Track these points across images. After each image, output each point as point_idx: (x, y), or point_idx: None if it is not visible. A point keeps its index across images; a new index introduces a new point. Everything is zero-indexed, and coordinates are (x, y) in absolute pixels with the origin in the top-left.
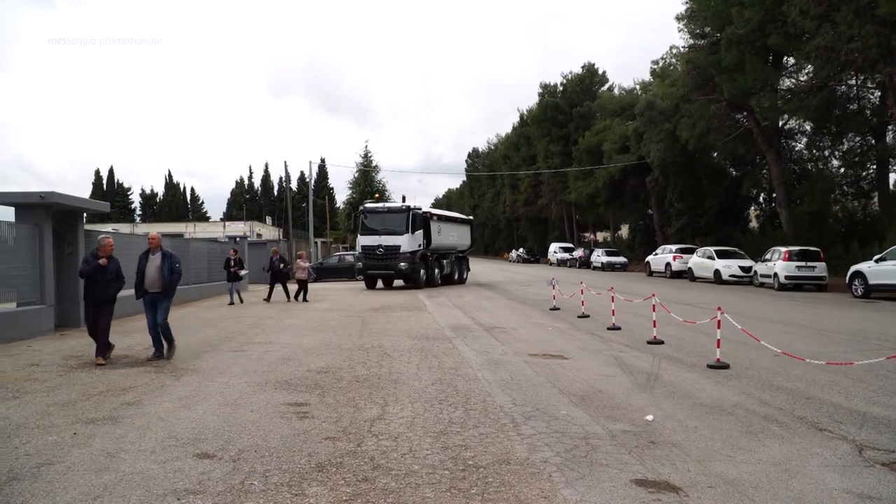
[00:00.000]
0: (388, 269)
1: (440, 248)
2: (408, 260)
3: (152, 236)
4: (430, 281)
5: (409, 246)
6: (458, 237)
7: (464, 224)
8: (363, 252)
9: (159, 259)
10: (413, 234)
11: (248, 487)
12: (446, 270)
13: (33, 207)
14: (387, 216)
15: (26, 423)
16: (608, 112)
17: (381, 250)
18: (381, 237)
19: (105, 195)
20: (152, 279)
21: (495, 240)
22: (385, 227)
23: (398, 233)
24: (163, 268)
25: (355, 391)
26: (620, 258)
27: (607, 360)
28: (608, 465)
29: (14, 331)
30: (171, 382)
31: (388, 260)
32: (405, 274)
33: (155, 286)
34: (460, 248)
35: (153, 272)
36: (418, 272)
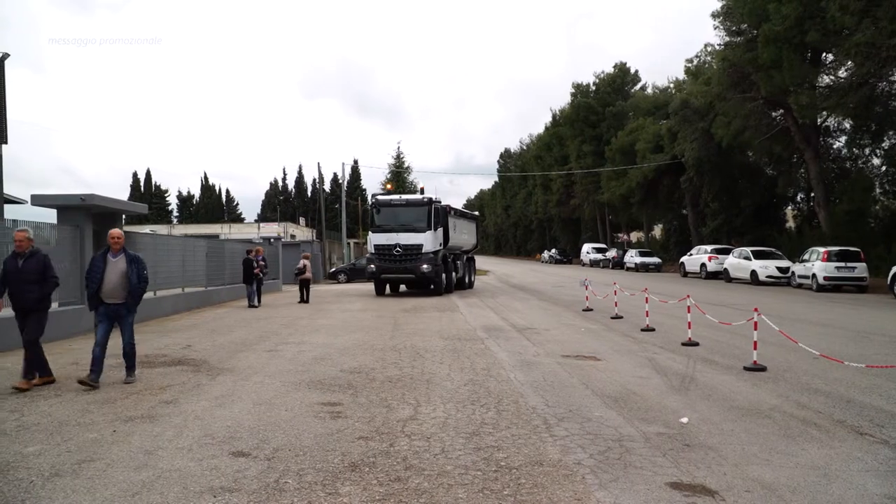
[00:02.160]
0: (407, 273)
1: (454, 248)
2: (431, 261)
3: (116, 235)
4: (448, 286)
5: (431, 245)
6: (468, 235)
7: (472, 220)
8: (376, 252)
9: (124, 263)
10: (435, 232)
11: (283, 486)
12: (459, 273)
13: (74, 209)
14: (405, 210)
15: (68, 420)
16: (641, 111)
17: (399, 250)
18: (398, 235)
19: (142, 197)
20: (114, 287)
21: (527, 240)
22: (403, 222)
23: (419, 229)
24: (129, 273)
25: (388, 391)
26: (654, 259)
27: (641, 362)
28: (642, 468)
29: (56, 330)
30: (207, 382)
31: (408, 262)
32: (428, 278)
33: (117, 296)
34: (467, 247)
35: (115, 278)
36: (441, 275)
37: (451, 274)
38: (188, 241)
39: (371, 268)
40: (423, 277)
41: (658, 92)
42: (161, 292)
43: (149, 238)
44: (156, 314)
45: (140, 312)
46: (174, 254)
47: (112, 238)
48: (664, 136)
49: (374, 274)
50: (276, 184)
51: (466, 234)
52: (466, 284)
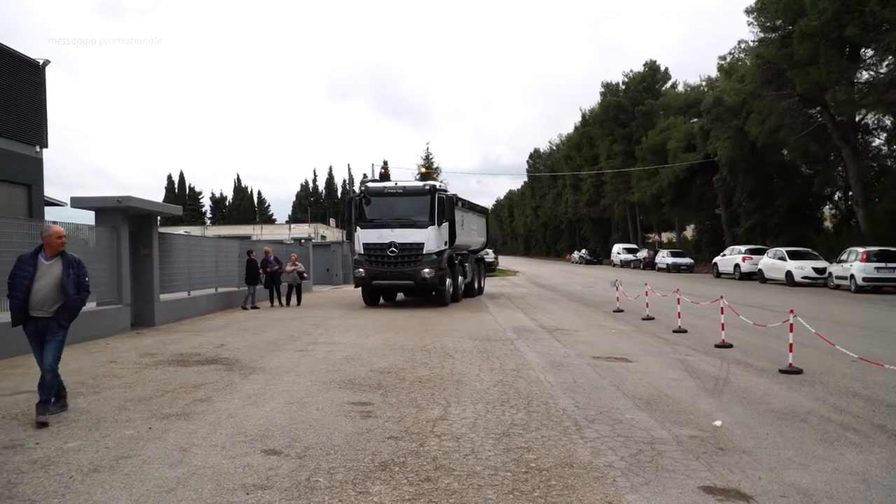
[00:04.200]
0: (404, 279)
1: (461, 247)
2: (434, 264)
3: (60, 233)
4: (455, 293)
5: (435, 244)
6: (477, 232)
7: (481, 215)
8: (366, 253)
9: (59, 267)
10: (440, 227)
11: (314, 484)
12: (468, 278)
13: (111, 211)
14: (401, 201)
15: (105, 417)
16: (672, 110)
17: (395, 250)
18: (393, 231)
19: (177, 199)
20: (45, 296)
21: (557, 241)
22: (399, 216)
23: (419, 224)
24: (65, 280)
25: (418, 391)
26: (686, 259)
27: (673, 364)
28: (675, 471)
29: (93, 329)
30: (240, 381)
31: (406, 265)
32: (430, 285)
33: (46, 308)
34: (475, 246)
35: (48, 286)
36: (446, 281)
37: (457, 279)
38: (221, 241)
39: (359, 272)
40: (424, 284)
41: (690, 90)
42: (195, 292)
43: (183, 239)
44: (190, 314)
45: (175, 312)
46: (207, 254)
47: (56, 237)
48: (696, 135)
49: (363, 280)
50: (307, 185)
51: (475, 230)
52: (476, 290)
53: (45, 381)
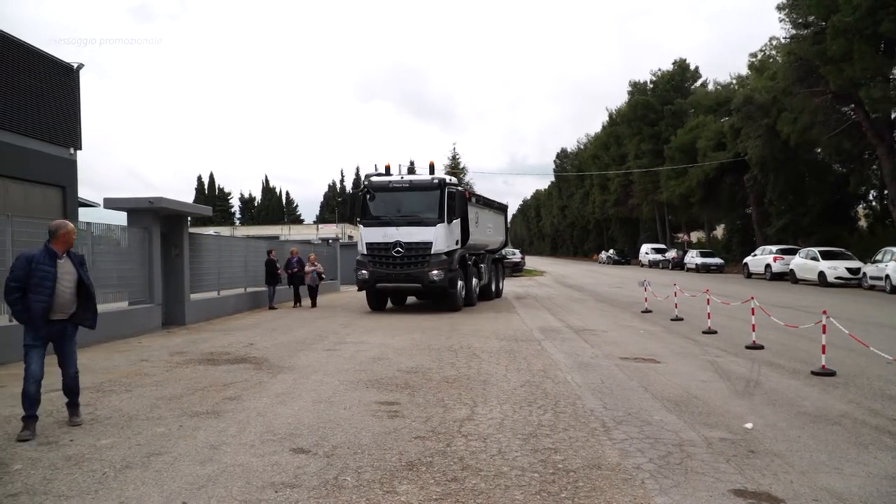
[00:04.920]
0: (411, 282)
1: (476, 246)
2: (443, 266)
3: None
4: (469, 297)
5: (444, 243)
6: (494, 230)
7: (500, 212)
8: (369, 253)
9: (71, 265)
10: (450, 225)
11: (342, 483)
12: (484, 280)
13: (143, 212)
14: (408, 196)
15: (137, 415)
16: (702, 108)
17: (400, 250)
18: (399, 229)
19: (207, 200)
20: (68, 298)
21: (584, 241)
22: (406, 212)
23: (427, 221)
24: (85, 278)
25: (444, 391)
26: (716, 259)
27: (702, 365)
28: (704, 474)
29: (126, 328)
30: (269, 379)
31: (412, 266)
32: (439, 288)
33: (67, 309)
34: (493, 246)
35: (70, 286)
36: (457, 284)
37: (471, 282)
38: (249, 242)
39: (362, 274)
40: (432, 287)
41: (720, 88)
42: (224, 292)
43: (213, 239)
44: (219, 313)
45: (205, 311)
46: (236, 255)
47: (73, 233)
48: (726, 134)
49: (366, 283)
50: (334, 185)
51: (492, 228)
52: (493, 293)
53: (69, 385)
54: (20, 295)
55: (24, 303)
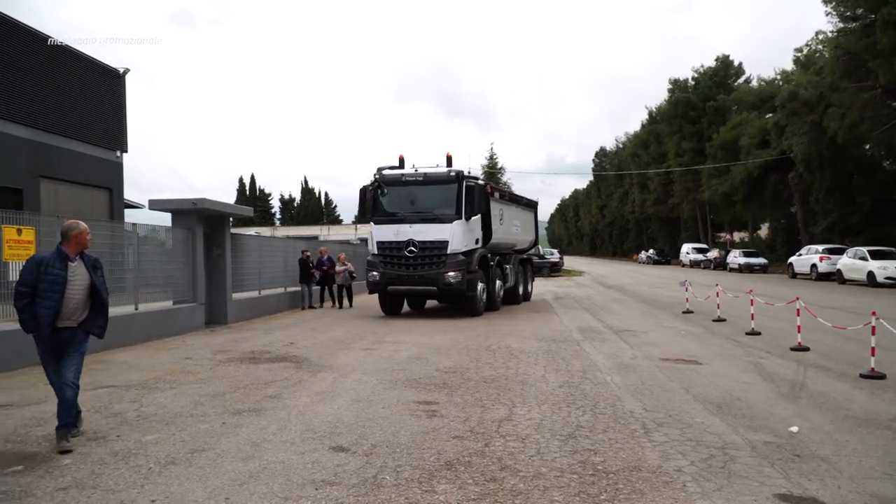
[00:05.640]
0: (425, 284)
1: (500, 246)
2: (461, 267)
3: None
4: (492, 301)
5: (462, 241)
6: (521, 228)
7: (528, 209)
8: (380, 253)
9: (84, 268)
10: (468, 222)
11: (381, 481)
12: (509, 282)
13: (187, 213)
14: (422, 190)
15: (182, 412)
16: (745, 105)
17: (414, 249)
18: (412, 227)
19: (248, 201)
20: (77, 304)
21: (624, 240)
22: (420, 208)
23: (443, 218)
24: (98, 283)
25: (483, 391)
26: (760, 259)
27: (746, 367)
28: (748, 478)
29: (170, 326)
30: (309, 378)
31: (426, 267)
32: (456, 291)
33: (76, 316)
34: (521, 245)
35: (81, 292)
36: (477, 287)
37: (493, 284)
38: (289, 242)
39: (373, 276)
40: (448, 290)
41: (763, 84)
42: (265, 291)
43: (253, 240)
44: (260, 312)
45: (246, 310)
46: (276, 255)
47: (87, 233)
48: (770, 131)
49: (376, 285)
50: None
51: (519, 226)
52: (519, 297)
53: (67, 398)
54: (29, 301)
55: (32, 309)
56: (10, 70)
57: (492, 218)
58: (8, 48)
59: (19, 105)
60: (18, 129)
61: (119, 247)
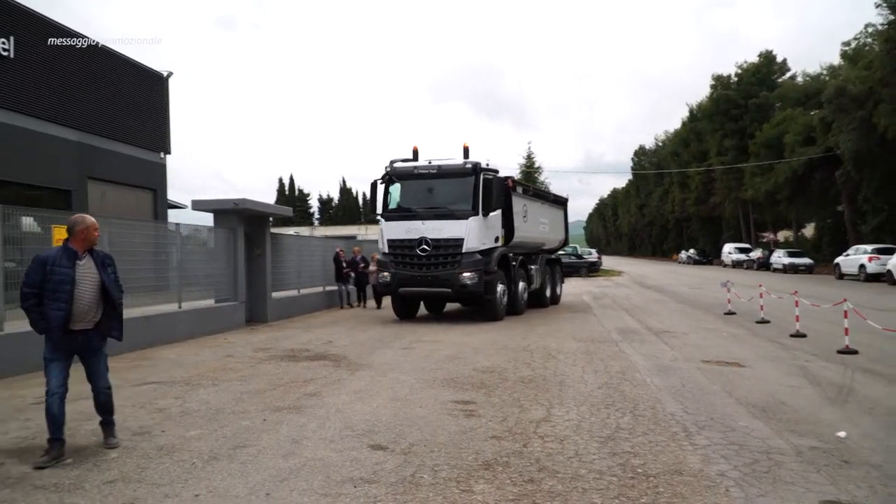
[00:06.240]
0: (438, 286)
1: (524, 245)
2: (478, 267)
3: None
4: (514, 304)
5: (479, 239)
6: (549, 227)
7: (556, 206)
8: (391, 252)
9: (93, 266)
10: (486, 218)
11: (419, 480)
12: (535, 284)
13: (228, 213)
14: (435, 184)
15: (223, 408)
16: (790, 101)
17: (427, 248)
18: (425, 223)
19: (287, 201)
20: (89, 304)
21: (663, 240)
22: (433, 203)
23: (458, 214)
24: (107, 281)
25: (520, 392)
26: (805, 259)
27: (790, 370)
28: (793, 483)
29: (212, 324)
30: (347, 377)
31: (439, 267)
32: (473, 294)
33: (90, 317)
34: (550, 245)
35: (91, 290)
36: (496, 289)
37: (516, 286)
38: (328, 241)
39: (383, 276)
40: (464, 293)
41: (809, 80)
42: (304, 290)
43: (293, 239)
44: (299, 311)
45: (286, 309)
46: (315, 254)
47: (94, 229)
48: (816, 128)
49: (387, 287)
50: None
51: (547, 224)
52: (547, 300)
53: (101, 402)
54: (35, 302)
55: (41, 310)
56: (60, 75)
57: (514, 214)
58: (57, 53)
59: (68, 109)
60: (67, 133)
61: (163, 246)
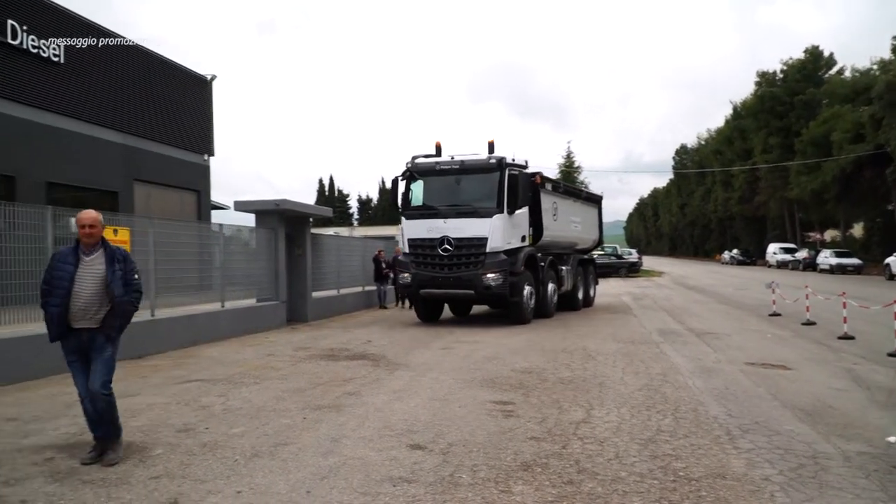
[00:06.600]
0: (461, 287)
1: (555, 245)
2: (502, 268)
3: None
4: (543, 307)
5: (504, 238)
6: (581, 225)
7: (589, 204)
8: (411, 252)
9: (102, 263)
10: (512, 216)
11: (457, 480)
12: (566, 285)
13: (269, 214)
14: (458, 180)
15: (265, 406)
16: (838, 98)
17: (449, 248)
18: (447, 222)
19: (327, 201)
20: (88, 300)
21: (705, 240)
22: (456, 201)
23: (482, 212)
24: (110, 277)
25: (559, 393)
26: (853, 260)
27: (838, 373)
28: (841, 489)
29: (254, 323)
30: (386, 376)
31: (462, 268)
32: (496, 296)
33: (90, 316)
34: (583, 244)
35: (91, 288)
36: (521, 291)
37: (545, 288)
38: (367, 242)
39: (404, 277)
40: (488, 295)
41: (858, 75)
42: (343, 290)
43: (333, 239)
44: (339, 311)
45: (326, 308)
46: (354, 254)
47: (80, 224)
48: (865, 124)
49: (407, 288)
50: None
51: (579, 222)
52: (579, 302)
53: (97, 408)
54: (46, 300)
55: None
56: (107, 79)
57: (542, 212)
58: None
59: (115, 112)
60: (114, 136)
61: (206, 246)
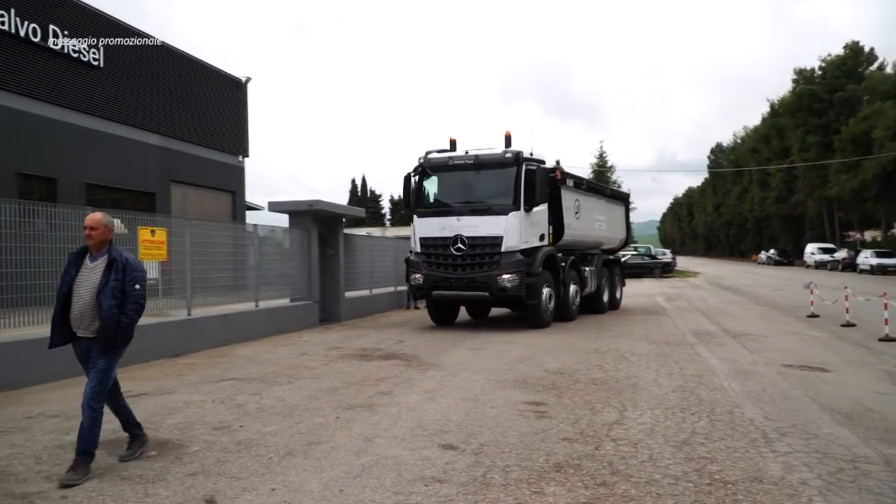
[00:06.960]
0: (475, 289)
1: (577, 244)
2: (518, 268)
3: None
4: (565, 309)
5: (520, 237)
6: (607, 224)
7: (615, 201)
8: (423, 252)
9: (102, 268)
10: (529, 214)
11: (490, 481)
12: (589, 287)
13: (302, 214)
14: (472, 176)
15: (298, 405)
16: (879, 94)
17: (461, 247)
18: (460, 220)
19: (359, 202)
20: (82, 310)
21: (741, 240)
22: (470, 198)
23: (497, 210)
24: (101, 287)
25: (592, 394)
26: (894, 260)
27: (879, 375)
28: (882, 494)
29: (288, 323)
30: (418, 376)
31: (476, 268)
32: (512, 298)
33: (85, 324)
34: (609, 244)
35: (87, 296)
36: (539, 293)
37: (565, 289)
38: (399, 242)
39: (415, 278)
40: (503, 297)
41: None
42: (376, 290)
43: (365, 240)
44: (371, 311)
45: (358, 308)
46: (387, 254)
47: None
48: None
49: (419, 289)
50: None
51: (604, 221)
52: (604, 305)
53: (82, 423)
54: None
55: None
56: (144, 82)
57: (563, 210)
58: (142, 62)
59: (153, 115)
60: (152, 138)
61: (241, 247)
